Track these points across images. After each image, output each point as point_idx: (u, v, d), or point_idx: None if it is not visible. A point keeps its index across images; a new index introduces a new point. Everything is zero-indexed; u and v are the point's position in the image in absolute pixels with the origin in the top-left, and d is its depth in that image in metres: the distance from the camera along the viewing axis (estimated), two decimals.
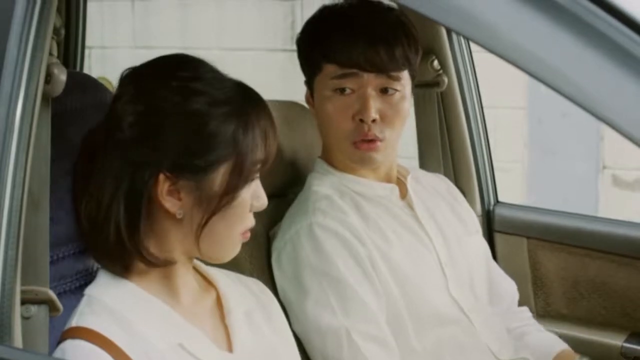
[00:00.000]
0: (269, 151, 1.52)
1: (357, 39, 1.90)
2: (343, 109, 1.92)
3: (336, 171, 2.00)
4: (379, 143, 1.92)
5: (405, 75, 1.94)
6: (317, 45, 1.95)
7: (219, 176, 1.48)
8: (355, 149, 1.93)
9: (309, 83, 2.00)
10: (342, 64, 1.91)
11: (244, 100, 1.51)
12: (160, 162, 1.46)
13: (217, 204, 1.48)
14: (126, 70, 1.54)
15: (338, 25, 1.93)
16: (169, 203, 1.47)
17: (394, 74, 1.92)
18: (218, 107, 1.48)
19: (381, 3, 1.99)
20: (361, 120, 1.91)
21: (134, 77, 1.53)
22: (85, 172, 1.51)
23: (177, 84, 1.48)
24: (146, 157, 1.46)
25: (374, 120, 1.90)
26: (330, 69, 1.93)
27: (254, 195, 1.53)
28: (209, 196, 1.47)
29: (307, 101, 2.02)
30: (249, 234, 1.55)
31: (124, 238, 1.47)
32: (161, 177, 1.46)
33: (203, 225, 1.48)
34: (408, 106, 1.97)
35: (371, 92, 1.91)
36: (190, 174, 1.46)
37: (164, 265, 1.51)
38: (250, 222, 1.54)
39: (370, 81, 1.91)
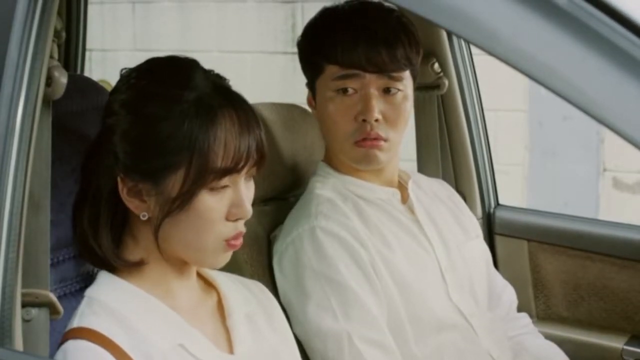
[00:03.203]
0: (236, 159, 1.46)
1: (358, 39, 1.90)
2: (345, 109, 1.92)
3: (339, 174, 2.00)
4: (382, 142, 1.92)
5: (406, 75, 1.95)
6: (318, 46, 1.95)
7: (176, 180, 1.46)
8: (358, 147, 1.93)
9: (311, 85, 2.00)
10: (344, 65, 1.91)
11: (208, 109, 1.46)
12: (117, 165, 1.48)
13: (169, 207, 1.47)
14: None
15: (339, 27, 1.94)
16: (132, 204, 1.49)
17: (395, 74, 1.92)
18: (173, 112, 1.46)
19: (381, 4, 1.99)
20: (364, 121, 1.91)
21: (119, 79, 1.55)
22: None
23: (135, 86, 1.50)
24: (104, 160, 1.49)
25: (376, 120, 1.90)
26: (331, 70, 1.93)
27: (234, 203, 1.49)
28: (167, 199, 1.47)
29: (309, 103, 2.02)
30: (238, 242, 1.52)
31: (88, 238, 1.50)
32: (119, 179, 1.48)
33: (157, 227, 1.48)
34: (410, 106, 1.97)
35: (373, 92, 1.91)
36: (145, 177, 1.47)
37: (136, 265, 1.52)
38: (230, 230, 1.50)
39: (372, 81, 1.91)
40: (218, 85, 1.51)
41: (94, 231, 1.51)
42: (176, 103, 1.46)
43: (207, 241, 1.49)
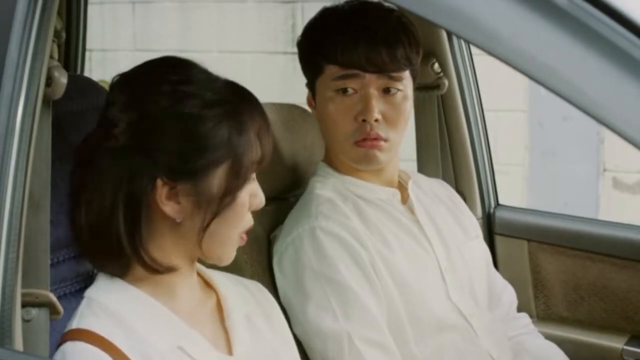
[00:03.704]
0: (265, 150, 1.52)
1: (358, 39, 1.90)
2: (345, 109, 1.92)
3: (339, 174, 2.00)
4: (382, 142, 1.92)
5: (406, 75, 1.95)
6: (318, 46, 1.95)
7: (217, 178, 1.47)
8: (358, 147, 1.93)
9: (311, 85, 2.00)
10: (344, 65, 1.91)
11: (237, 101, 1.51)
12: (157, 168, 1.46)
13: (217, 206, 1.48)
14: (117, 76, 1.54)
15: (339, 27, 1.93)
16: (168, 207, 1.47)
17: (395, 74, 1.92)
18: (211, 108, 1.48)
19: (381, 4, 1.99)
20: (364, 121, 1.91)
21: (124, 83, 1.52)
22: (83, 180, 1.50)
23: (167, 88, 1.48)
24: (143, 164, 1.46)
25: (376, 120, 1.90)
26: (331, 70, 1.93)
27: (252, 194, 1.53)
28: (208, 199, 1.47)
29: (309, 103, 2.02)
30: (246, 236, 1.56)
31: (124, 245, 1.47)
32: (159, 182, 1.46)
33: (205, 227, 1.48)
34: (410, 106, 1.97)
35: (373, 92, 1.91)
36: (187, 178, 1.46)
37: (166, 272, 1.51)
38: (249, 222, 1.54)
39: (372, 81, 1.91)
40: (233, 84, 1.54)
41: (135, 238, 1.47)
42: (212, 102, 1.48)
43: (234, 235, 1.53)
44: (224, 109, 1.48)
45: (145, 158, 1.46)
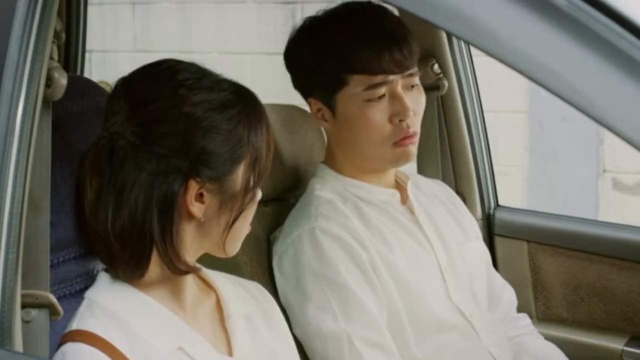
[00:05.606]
0: (272, 144, 1.56)
1: (380, 44, 1.89)
2: (380, 114, 1.91)
3: (339, 175, 2.00)
4: (415, 137, 1.94)
5: (416, 69, 1.97)
6: (338, 58, 1.91)
7: (239, 175, 1.50)
8: (397, 147, 1.93)
9: (326, 99, 1.95)
10: (373, 72, 1.89)
11: (246, 99, 1.53)
12: (190, 169, 1.47)
13: (241, 203, 1.51)
14: (121, 80, 1.53)
15: (355, 35, 1.91)
16: (196, 208, 1.49)
17: (413, 70, 1.94)
18: (226, 108, 1.49)
19: (380, 5, 1.99)
20: (400, 121, 1.91)
21: (131, 87, 1.52)
22: (99, 190, 1.49)
23: (183, 92, 1.49)
24: (176, 166, 1.46)
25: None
26: (359, 80, 1.90)
27: None
28: (232, 196, 1.50)
29: (321, 118, 1.98)
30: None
31: (158, 249, 1.48)
32: (191, 183, 1.47)
33: (231, 224, 1.51)
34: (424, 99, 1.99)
35: (401, 91, 1.92)
36: (216, 177, 1.48)
37: (189, 272, 1.52)
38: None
39: (398, 82, 1.92)
40: (237, 84, 1.55)
41: (167, 241, 1.48)
42: (227, 102, 1.50)
43: (247, 228, 1.56)
44: (238, 107, 1.50)
45: (179, 160, 1.46)
